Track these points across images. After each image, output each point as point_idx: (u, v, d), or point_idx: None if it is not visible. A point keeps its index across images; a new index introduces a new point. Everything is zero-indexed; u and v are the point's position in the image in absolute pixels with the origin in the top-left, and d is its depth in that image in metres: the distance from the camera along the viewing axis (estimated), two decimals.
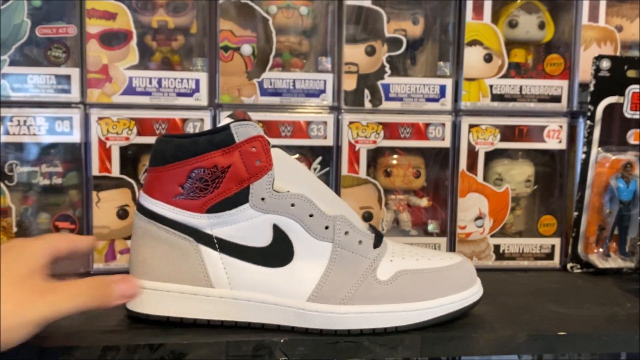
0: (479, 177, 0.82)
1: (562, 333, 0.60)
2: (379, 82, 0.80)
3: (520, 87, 0.82)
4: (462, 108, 0.81)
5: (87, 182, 0.76)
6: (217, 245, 0.59)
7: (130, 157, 0.77)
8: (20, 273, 0.49)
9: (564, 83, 0.82)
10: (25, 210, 0.77)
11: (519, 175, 0.83)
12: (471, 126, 0.81)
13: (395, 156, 0.82)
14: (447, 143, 0.81)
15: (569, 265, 0.82)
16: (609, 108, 0.79)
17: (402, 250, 0.63)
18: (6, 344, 0.47)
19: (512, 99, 0.82)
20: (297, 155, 0.79)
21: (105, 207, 0.77)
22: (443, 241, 0.82)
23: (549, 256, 0.83)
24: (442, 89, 0.81)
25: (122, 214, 0.77)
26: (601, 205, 0.81)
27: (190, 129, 0.77)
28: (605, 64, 0.79)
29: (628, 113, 0.80)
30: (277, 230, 0.58)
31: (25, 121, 0.75)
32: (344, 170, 0.80)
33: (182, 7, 0.78)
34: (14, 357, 0.54)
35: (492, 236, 0.83)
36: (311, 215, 0.58)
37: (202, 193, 0.58)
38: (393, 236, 0.81)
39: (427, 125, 0.80)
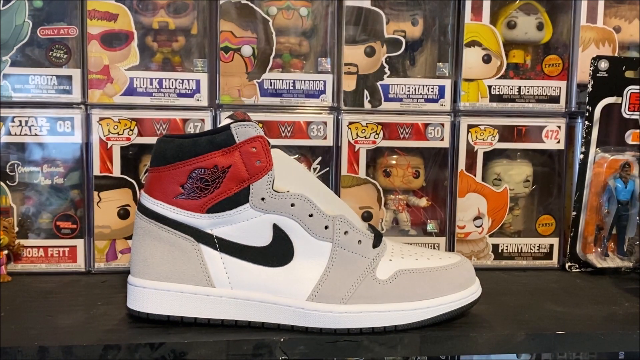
0: (478, 177, 0.82)
1: (560, 332, 0.60)
2: (379, 83, 0.80)
3: (519, 88, 0.82)
4: (461, 108, 0.81)
5: (89, 182, 0.77)
6: (217, 245, 0.59)
7: (131, 157, 0.78)
8: None
9: (562, 84, 0.82)
10: (26, 210, 0.77)
11: (517, 175, 0.83)
12: (470, 126, 0.81)
13: (394, 156, 0.82)
14: (446, 143, 0.81)
15: (567, 265, 0.82)
16: (607, 108, 0.80)
17: (401, 250, 0.63)
18: None
19: (511, 99, 0.82)
20: (297, 156, 0.80)
21: (106, 207, 0.77)
22: (442, 241, 0.83)
23: (548, 256, 0.83)
24: (441, 89, 0.81)
25: (123, 213, 0.78)
26: (599, 205, 0.81)
27: (190, 129, 0.77)
28: (604, 65, 0.79)
29: (626, 113, 0.80)
30: (277, 230, 0.58)
31: (27, 122, 0.75)
32: (344, 170, 0.80)
33: (182, 8, 0.78)
34: (14, 356, 0.54)
35: (490, 236, 0.83)
36: (311, 215, 0.59)
37: (202, 193, 0.58)
38: (392, 236, 0.81)
39: (426, 125, 0.80)
